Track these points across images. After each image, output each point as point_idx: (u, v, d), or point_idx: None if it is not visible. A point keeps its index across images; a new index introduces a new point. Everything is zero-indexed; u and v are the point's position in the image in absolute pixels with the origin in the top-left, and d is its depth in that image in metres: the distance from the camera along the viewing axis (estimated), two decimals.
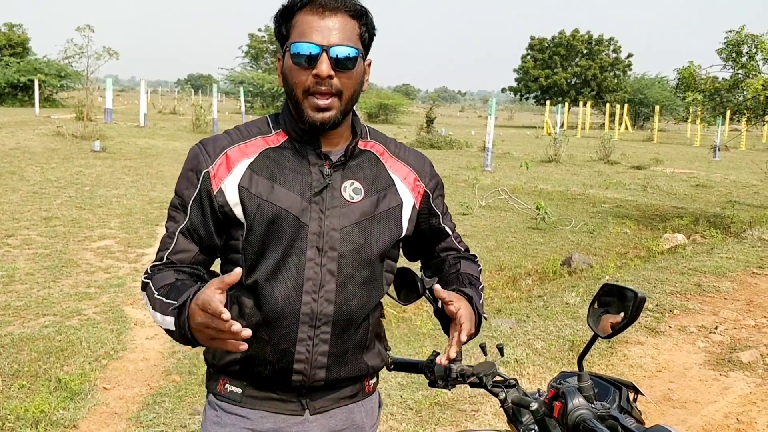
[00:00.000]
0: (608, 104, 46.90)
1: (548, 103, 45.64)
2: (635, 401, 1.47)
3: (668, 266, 6.98)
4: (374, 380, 1.60)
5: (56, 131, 18.45)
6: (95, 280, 6.08)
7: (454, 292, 1.47)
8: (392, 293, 1.63)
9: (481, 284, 1.60)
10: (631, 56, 59.02)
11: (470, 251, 1.70)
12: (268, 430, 1.47)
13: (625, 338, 4.79)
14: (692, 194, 14.21)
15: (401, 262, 1.60)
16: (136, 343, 4.68)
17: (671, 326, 5.19)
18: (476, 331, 1.45)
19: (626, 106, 48.09)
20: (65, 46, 22.57)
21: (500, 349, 1.59)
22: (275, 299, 1.40)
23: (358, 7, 1.39)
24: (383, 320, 1.60)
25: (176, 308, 1.27)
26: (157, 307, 1.34)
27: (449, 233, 1.65)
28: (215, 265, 1.53)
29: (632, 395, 1.47)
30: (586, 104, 47.05)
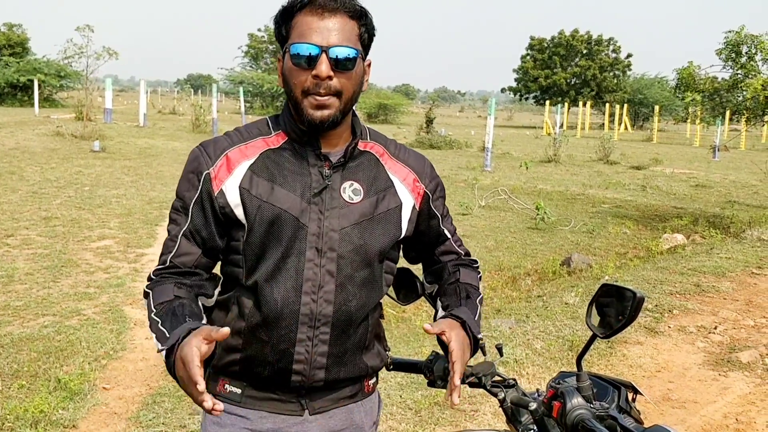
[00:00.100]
0: (608, 104, 46.87)
1: (548, 103, 45.64)
2: (634, 401, 1.47)
3: (667, 266, 6.99)
4: (374, 380, 1.60)
5: (56, 131, 18.44)
6: (95, 280, 6.08)
7: (446, 316, 1.47)
8: (391, 293, 1.63)
9: (479, 294, 1.60)
10: (630, 56, 59.10)
11: (470, 254, 1.70)
12: (267, 430, 1.48)
13: (624, 338, 4.80)
14: (692, 194, 14.22)
15: (402, 265, 1.60)
16: (135, 343, 4.68)
17: (670, 326, 5.19)
18: (472, 353, 1.46)
19: (626, 106, 48.08)
20: (65, 46, 22.60)
21: (499, 349, 1.59)
22: (274, 300, 1.40)
23: (357, 7, 1.39)
24: (382, 320, 1.60)
25: (165, 350, 1.29)
26: (152, 327, 1.36)
27: (448, 236, 1.64)
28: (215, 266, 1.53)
29: (631, 395, 1.47)
30: (585, 104, 47.07)
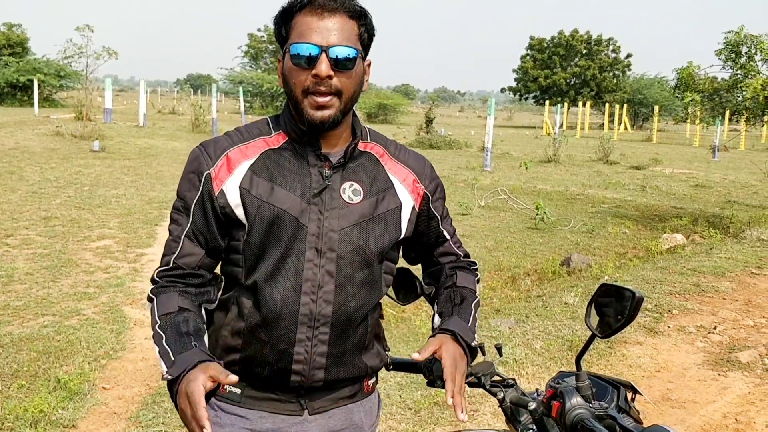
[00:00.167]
0: (607, 104, 46.88)
1: (547, 103, 45.64)
2: (633, 401, 1.47)
3: (667, 266, 6.99)
4: (373, 380, 1.60)
5: (55, 131, 18.42)
6: (94, 280, 6.08)
7: (437, 332, 1.48)
8: (391, 293, 1.63)
9: (475, 297, 1.60)
10: (630, 56, 59.13)
11: (470, 256, 1.70)
12: (267, 430, 1.48)
13: (623, 338, 4.80)
14: (691, 194, 14.22)
15: (401, 265, 1.60)
16: (135, 342, 4.68)
17: (670, 326, 5.19)
18: (471, 360, 1.46)
19: (625, 106, 48.07)
20: (64, 45, 22.63)
21: (499, 348, 1.59)
22: (274, 300, 1.41)
23: (357, 7, 1.39)
24: (382, 321, 1.60)
25: (169, 377, 1.29)
26: (155, 340, 1.36)
27: (448, 237, 1.64)
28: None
29: (630, 395, 1.47)
30: (585, 104, 47.07)
